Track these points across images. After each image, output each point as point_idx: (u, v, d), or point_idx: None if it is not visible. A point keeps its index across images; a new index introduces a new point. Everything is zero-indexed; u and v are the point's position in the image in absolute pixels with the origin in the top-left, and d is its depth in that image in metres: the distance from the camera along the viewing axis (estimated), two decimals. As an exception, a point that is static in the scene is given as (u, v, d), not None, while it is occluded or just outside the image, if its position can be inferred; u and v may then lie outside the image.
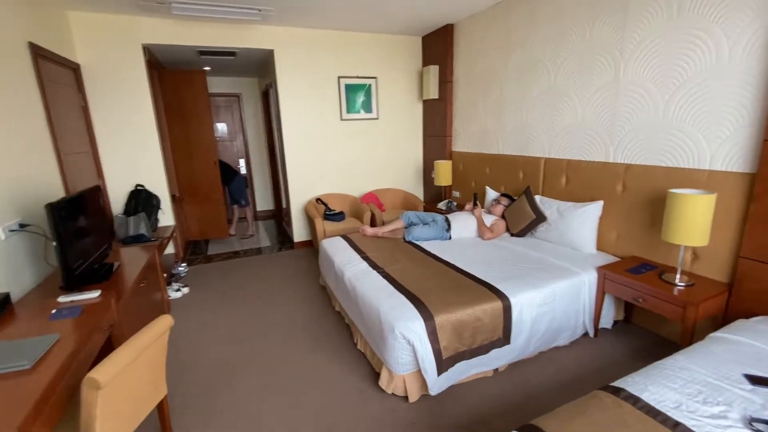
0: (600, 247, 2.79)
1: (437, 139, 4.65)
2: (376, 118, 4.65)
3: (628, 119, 2.55)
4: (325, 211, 4.32)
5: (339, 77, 4.35)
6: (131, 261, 2.59)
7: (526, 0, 3.19)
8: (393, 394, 2.05)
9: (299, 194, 4.49)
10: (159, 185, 3.84)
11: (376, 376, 2.17)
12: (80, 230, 2.16)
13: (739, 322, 1.84)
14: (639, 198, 2.51)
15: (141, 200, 3.64)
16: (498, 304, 2.13)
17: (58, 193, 2.70)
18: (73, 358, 1.42)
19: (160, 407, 1.75)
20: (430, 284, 2.32)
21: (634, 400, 1.31)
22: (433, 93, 4.43)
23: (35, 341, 1.40)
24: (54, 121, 2.73)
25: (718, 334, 1.76)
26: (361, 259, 2.82)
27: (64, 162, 2.82)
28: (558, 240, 2.92)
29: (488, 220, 3.35)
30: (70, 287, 2.00)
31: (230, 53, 4.18)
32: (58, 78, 2.95)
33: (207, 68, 5.03)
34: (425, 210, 4.52)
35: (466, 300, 2.12)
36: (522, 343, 2.23)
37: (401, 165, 4.95)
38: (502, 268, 2.52)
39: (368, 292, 2.30)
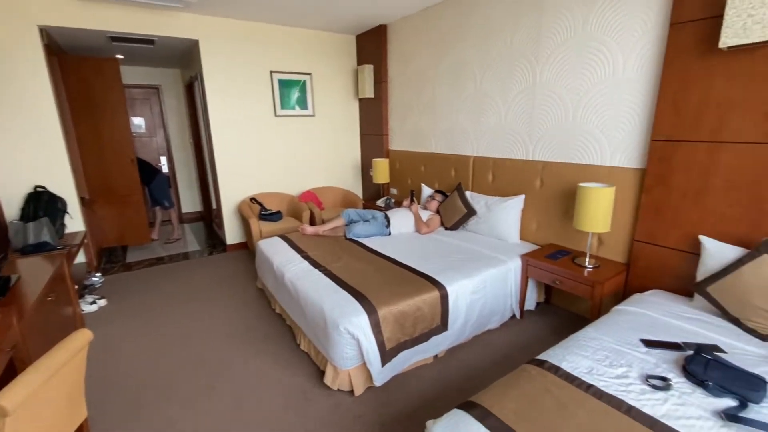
0: (523, 236, 3.07)
1: (374, 137, 4.72)
2: (312, 115, 4.58)
3: (544, 121, 2.83)
4: (261, 211, 4.16)
5: (272, 72, 4.21)
6: (34, 273, 2.27)
7: (456, 6, 3.37)
8: (339, 389, 2.06)
9: (231, 194, 4.27)
10: (64, 186, 3.39)
11: (321, 374, 2.16)
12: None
13: (636, 296, 2.16)
14: (555, 192, 2.81)
15: (42, 204, 3.18)
16: (436, 294, 2.24)
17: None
18: (-36, 386, 1.22)
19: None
20: (373, 279, 2.37)
21: (555, 370, 1.48)
22: (368, 92, 4.48)
23: None
24: None
25: (619, 306, 2.04)
26: (301, 259, 2.77)
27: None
28: (487, 232, 3.15)
29: (424, 215, 3.50)
30: (-48, 306, 1.70)
31: (148, 41, 3.82)
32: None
33: (119, 56, 4.54)
34: (364, 207, 4.56)
35: (407, 291, 2.20)
36: (458, 328, 2.38)
37: (340, 163, 4.94)
38: (438, 260, 2.65)
39: (311, 290, 2.28)
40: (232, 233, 4.37)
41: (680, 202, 2.12)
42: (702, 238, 2.00)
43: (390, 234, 3.37)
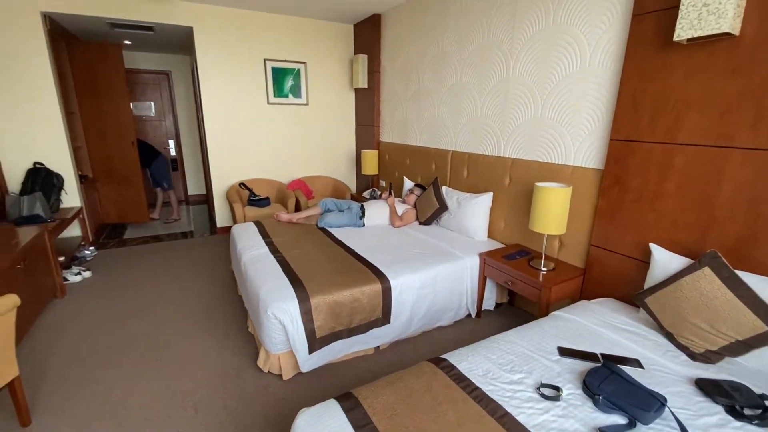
0: (491, 235, 2.99)
1: (367, 128, 4.71)
2: (306, 104, 4.63)
3: (515, 116, 2.72)
4: (250, 196, 4.27)
5: (265, 59, 4.28)
6: (14, 243, 2.46)
7: (440, -5, 3.28)
8: (269, 372, 2.11)
9: (223, 178, 4.40)
10: (62, 164, 3.63)
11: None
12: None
13: (581, 303, 2.07)
14: (521, 190, 2.71)
15: (40, 179, 3.42)
16: (377, 286, 2.24)
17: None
18: None
19: (12, 390, 1.70)
20: (319, 268, 2.39)
21: (449, 369, 1.45)
22: (362, 82, 4.46)
23: None
24: None
25: (557, 312, 1.96)
26: (264, 244, 2.84)
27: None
28: (456, 228, 3.08)
29: (401, 208, 3.47)
30: None
31: (147, 28, 3.98)
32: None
33: (127, 42, 4.76)
34: (353, 198, 4.58)
35: (346, 282, 2.21)
36: (403, 322, 2.36)
37: (333, 153, 4.97)
38: (395, 254, 2.63)
39: (256, 275, 2.34)
40: (222, 216, 4.52)
41: (635, 206, 1.99)
42: (652, 246, 1.88)
43: (363, 225, 3.37)
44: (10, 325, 1.62)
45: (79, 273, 3.28)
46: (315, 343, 2.06)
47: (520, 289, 2.32)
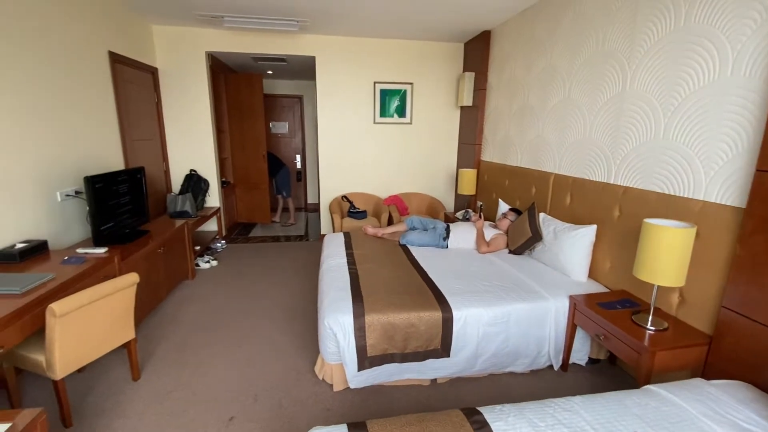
0: (593, 275, 2.53)
1: (468, 146, 4.56)
2: (410, 123, 4.74)
3: (630, 137, 2.27)
4: (350, 208, 4.56)
5: (375, 82, 4.55)
6: (164, 231, 3.15)
7: (551, 6, 3.00)
8: (323, 379, 2.18)
9: (330, 190, 4.81)
10: (210, 171, 4.49)
11: (319, 362, 2.32)
12: (114, 200, 2.72)
13: (695, 381, 1.58)
14: (633, 225, 2.23)
15: (192, 183, 4.30)
16: (437, 315, 2.11)
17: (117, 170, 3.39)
18: (57, 292, 1.86)
19: (129, 349, 2.15)
20: (383, 286, 2.38)
21: (480, 425, 1.27)
22: (467, 100, 4.36)
23: (33, 276, 1.87)
24: (123, 113, 3.42)
25: (654, 386, 1.53)
26: (344, 255, 2.98)
27: (128, 146, 3.52)
28: (551, 262, 2.71)
29: (490, 233, 3.24)
30: (97, 243, 2.55)
31: (281, 59, 4.67)
32: (134, 79, 3.68)
33: (269, 72, 5.65)
34: (446, 218, 4.47)
35: (404, 304, 2.15)
36: (465, 359, 2.17)
37: (433, 171, 4.96)
38: (469, 282, 2.45)
39: (326, 283, 2.46)
40: (326, 224, 4.93)
41: (793, 264, 1.44)
42: (817, 322, 1.32)
43: (447, 247, 3.25)
44: (130, 297, 2.05)
45: (208, 261, 3.98)
46: (365, 361, 2.05)
47: (615, 347, 1.90)
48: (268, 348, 2.54)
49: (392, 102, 4.65)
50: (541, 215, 2.99)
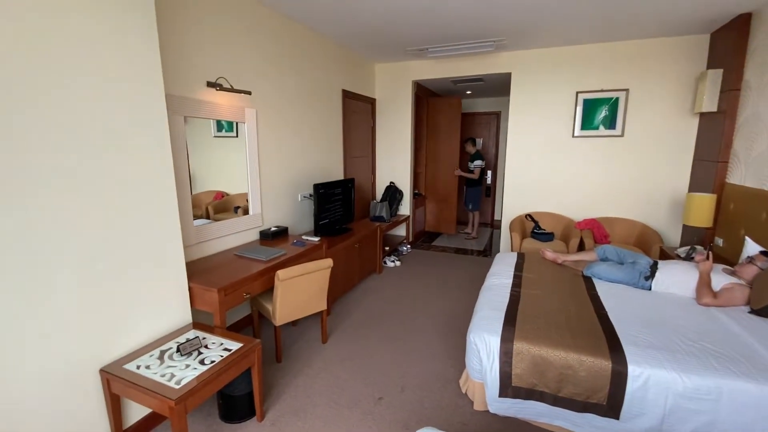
0: None
1: (707, 164, 3.50)
2: (620, 135, 4.03)
3: None
4: (534, 228, 4.28)
5: (577, 92, 4.11)
6: (362, 231, 3.86)
7: None
8: (466, 394, 2.19)
9: (512, 207, 4.63)
10: (405, 183, 5.11)
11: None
12: (331, 202, 3.53)
13: None
14: None
15: (390, 193, 5.01)
16: (605, 364, 1.79)
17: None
18: (285, 263, 2.59)
19: (322, 318, 2.76)
20: (544, 316, 2.18)
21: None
22: (709, 105, 3.38)
23: (274, 250, 2.68)
24: (347, 136, 4.37)
25: None
26: (511, 276, 2.85)
27: (348, 162, 4.45)
28: (824, 338, 1.82)
29: (721, 280, 2.44)
30: (316, 233, 3.37)
31: (478, 79, 4.85)
32: (357, 109, 4.62)
33: (468, 92, 5.92)
34: (661, 254, 3.56)
35: (563, 341, 1.92)
36: (643, 430, 1.75)
37: (649, 193, 4.04)
38: (662, 335, 1.95)
39: (482, 301, 2.44)
40: (506, 242, 4.77)
41: None
42: None
43: (650, 289, 2.64)
44: (325, 277, 2.63)
45: (393, 261, 4.55)
46: (508, 389, 1.94)
47: None
48: (425, 349, 2.73)
49: (599, 112, 4.08)
50: (819, 267, 2.04)
